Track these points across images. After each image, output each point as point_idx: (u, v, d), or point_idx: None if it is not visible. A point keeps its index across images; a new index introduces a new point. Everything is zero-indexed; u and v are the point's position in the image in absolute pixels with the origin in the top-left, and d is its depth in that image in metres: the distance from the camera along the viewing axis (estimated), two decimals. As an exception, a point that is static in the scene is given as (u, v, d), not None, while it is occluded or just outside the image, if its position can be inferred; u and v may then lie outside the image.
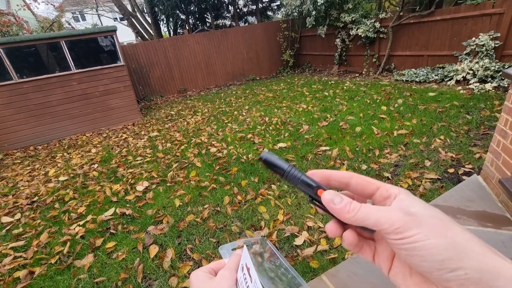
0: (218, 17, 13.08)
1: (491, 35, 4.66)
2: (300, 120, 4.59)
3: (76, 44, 5.61)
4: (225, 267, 0.36)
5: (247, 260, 0.35)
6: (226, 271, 0.35)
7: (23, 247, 2.46)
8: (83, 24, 21.03)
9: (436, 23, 5.59)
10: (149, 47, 8.19)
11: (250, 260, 0.35)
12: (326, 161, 3.10)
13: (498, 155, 1.87)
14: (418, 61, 6.21)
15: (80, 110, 5.98)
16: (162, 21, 12.39)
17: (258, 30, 9.45)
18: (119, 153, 4.45)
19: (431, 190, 2.33)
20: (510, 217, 1.72)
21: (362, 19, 7.10)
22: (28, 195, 3.41)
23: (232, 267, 0.36)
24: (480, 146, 2.87)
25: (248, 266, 0.34)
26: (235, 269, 0.36)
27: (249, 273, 0.33)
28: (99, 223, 2.62)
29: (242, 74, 9.81)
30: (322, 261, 1.84)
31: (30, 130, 5.65)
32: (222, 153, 3.80)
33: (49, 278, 2.06)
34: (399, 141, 3.28)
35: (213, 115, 5.89)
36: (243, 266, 0.35)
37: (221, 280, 0.34)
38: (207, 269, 0.37)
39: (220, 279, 0.34)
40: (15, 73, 5.21)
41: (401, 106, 4.35)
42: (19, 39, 5.07)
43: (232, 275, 0.35)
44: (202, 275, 0.35)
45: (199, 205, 2.70)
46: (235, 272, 0.35)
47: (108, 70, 5.99)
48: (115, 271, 2.04)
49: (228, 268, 0.36)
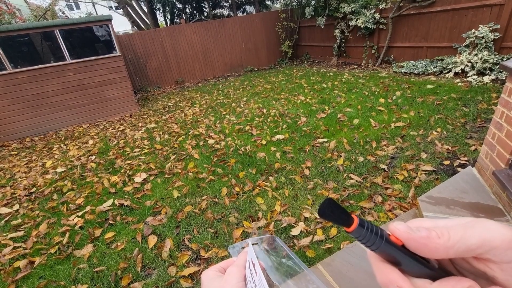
0: (215, 6, 12.84)
1: (490, 27, 4.62)
2: (298, 112, 4.59)
3: (70, 33, 5.50)
4: (233, 264, 0.37)
5: (252, 256, 0.36)
6: (234, 268, 0.36)
7: (22, 237, 2.48)
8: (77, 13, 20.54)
9: (436, 14, 5.53)
10: (145, 37, 8.05)
11: (255, 256, 0.36)
12: (323, 153, 3.12)
13: (493, 148, 1.89)
14: (417, 53, 6.17)
15: (76, 101, 5.92)
16: (159, 10, 12.14)
17: (257, 20, 9.30)
18: (116, 144, 4.43)
19: (426, 182, 2.36)
20: (502, 208, 1.75)
21: (361, 9, 7.00)
22: (26, 186, 3.41)
23: (240, 264, 0.36)
24: (476, 139, 2.90)
25: (253, 262, 0.35)
26: (243, 266, 0.36)
27: (254, 269, 0.34)
28: (98, 214, 2.64)
29: (240, 65, 9.71)
30: (318, 250, 1.87)
31: (26, 121, 5.60)
32: (220, 144, 3.80)
33: (49, 268, 2.09)
34: (396, 133, 3.30)
35: (210, 106, 5.86)
36: (249, 262, 0.36)
37: (229, 277, 0.34)
38: (217, 268, 0.38)
39: (228, 276, 0.35)
40: (8, 63, 5.12)
41: (399, 99, 4.35)
42: (11, 27, 4.96)
43: (240, 271, 0.35)
44: (212, 274, 0.36)
45: (197, 196, 2.72)
46: (243, 269, 0.36)
47: (104, 60, 5.90)
48: (115, 261, 2.07)
49: (236, 265, 0.36)
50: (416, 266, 0.22)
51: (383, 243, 0.22)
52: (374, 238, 0.22)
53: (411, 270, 0.22)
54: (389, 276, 0.22)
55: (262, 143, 3.65)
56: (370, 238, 0.22)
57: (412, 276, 0.22)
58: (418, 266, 0.22)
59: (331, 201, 0.24)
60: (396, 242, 0.22)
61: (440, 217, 1.75)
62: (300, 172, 2.82)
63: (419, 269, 0.22)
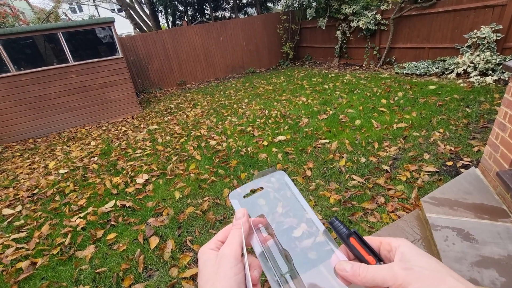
0: (217, 8, 12.90)
1: (493, 28, 4.61)
2: (299, 113, 4.58)
3: (73, 35, 5.54)
4: (226, 243, 0.34)
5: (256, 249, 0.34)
6: (227, 249, 0.33)
7: (24, 238, 2.48)
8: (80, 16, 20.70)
9: (438, 15, 5.52)
10: (147, 39, 8.10)
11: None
12: (325, 154, 3.11)
13: (496, 148, 1.87)
14: (419, 54, 6.15)
15: (79, 103, 5.95)
16: (161, 12, 12.22)
17: (258, 22, 9.33)
18: (118, 146, 4.45)
19: (429, 183, 2.34)
20: (506, 209, 1.74)
21: (363, 10, 7.01)
22: (28, 188, 3.42)
23: (234, 242, 0.33)
24: (479, 139, 2.88)
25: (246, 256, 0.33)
26: (237, 244, 0.33)
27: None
28: (100, 215, 2.65)
29: (242, 66, 9.73)
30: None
31: (29, 122, 5.63)
32: (221, 146, 3.80)
33: (51, 269, 2.09)
34: (398, 134, 3.28)
35: (212, 108, 5.87)
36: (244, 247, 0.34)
37: (222, 261, 0.31)
38: (214, 243, 0.35)
39: (221, 260, 0.32)
40: (12, 65, 5.16)
41: (401, 99, 4.34)
42: (15, 30, 5.00)
43: (234, 251, 0.32)
44: (208, 254, 0.34)
45: (199, 197, 2.72)
46: (238, 248, 0.33)
47: (106, 62, 5.94)
48: (116, 262, 2.07)
49: (229, 243, 0.33)
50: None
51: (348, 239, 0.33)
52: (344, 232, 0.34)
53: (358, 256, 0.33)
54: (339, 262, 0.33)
55: (263, 144, 3.65)
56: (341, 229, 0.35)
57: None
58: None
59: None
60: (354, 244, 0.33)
61: (443, 218, 1.74)
62: (302, 173, 2.81)
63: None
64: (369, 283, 0.29)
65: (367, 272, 0.29)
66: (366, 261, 0.31)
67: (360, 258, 0.32)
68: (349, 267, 0.31)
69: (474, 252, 1.47)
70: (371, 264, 0.31)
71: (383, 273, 0.28)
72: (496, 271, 1.36)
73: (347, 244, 0.33)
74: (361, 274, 0.29)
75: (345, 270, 0.31)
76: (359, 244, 0.32)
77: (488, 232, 1.57)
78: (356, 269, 0.30)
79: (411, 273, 0.26)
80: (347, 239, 0.33)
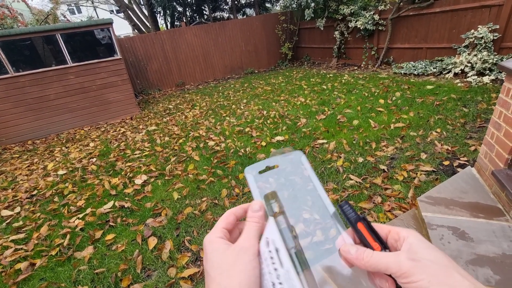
0: (215, 9, 12.92)
1: (490, 27, 4.63)
2: (298, 113, 4.60)
3: (72, 37, 5.55)
4: (243, 237, 0.32)
5: (274, 236, 0.32)
6: (246, 242, 0.31)
7: (23, 239, 2.49)
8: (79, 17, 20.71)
9: (435, 15, 5.54)
10: (146, 40, 8.11)
11: (279, 239, 0.31)
12: (323, 154, 3.13)
13: (491, 147, 1.89)
14: (416, 54, 6.18)
15: (77, 104, 5.96)
16: (159, 13, 12.23)
17: (257, 22, 9.35)
18: (117, 147, 4.45)
19: (425, 182, 2.36)
20: (501, 208, 1.75)
21: (361, 11, 7.03)
22: (27, 189, 3.43)
23: (252, 236, 0.32)
24: (475, 139, 2.90)
25: (276, 247, 0.31)
26: (255, 237, 0.32)
27: (278, 256, 0.30)
28: (98, 216, 2.65)
29: (240, 67, 9.75)
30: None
31: (28, 124, 5.63)
32: (220, 146, 3.81)
33: (50, 270, 2.10)
34: (396, 134, 3.30)
35: (211, 108, 5.88)
36: (268, 242, 0.32)
37: (241, 254, 0.30)
38: (221, 231, 0.33)
39: (241, 252, 0.30)
40: (11, 67, 5.16)
41: (398, 99, 4.35)
42: (14, 32, 5.01)
43: (252, 246, 0.31)
44: (217, 244, 0.32)
45: (197, 198, 2.73)
46: (256, 242, 0.32)
47: (105, 63, 5.95)
48: (115, 262, 2.08)
49: (247, 238, 0.32)
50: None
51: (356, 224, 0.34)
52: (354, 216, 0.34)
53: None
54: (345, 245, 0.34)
55: (262, 144, 3.66)
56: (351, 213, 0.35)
57: None
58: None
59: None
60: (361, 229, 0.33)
61: (439, 217, 1.75)
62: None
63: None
64: (372, 268, 0.30)
65: (371, 257, 0.30)
66: (371, 247, 0.31)
67: (366, 243, 0.32)
68: (354, 250, 0.31)
69: (469, 250, 1.49)
70: (376, 250, 0.31)
71: (388, 259, 0.28)
72: (491, 269, 1.38)
73: (355, 228, 0.34)
74: (365, 258, 0.30)
75: (349, 252, 0.32)
76: (366, 230, 0.33)
77: (483, 231, 1.59)
78: (361, 253, 0.31)
79: (417, 265, 0.26)
80: (355, 223, 0.34)
